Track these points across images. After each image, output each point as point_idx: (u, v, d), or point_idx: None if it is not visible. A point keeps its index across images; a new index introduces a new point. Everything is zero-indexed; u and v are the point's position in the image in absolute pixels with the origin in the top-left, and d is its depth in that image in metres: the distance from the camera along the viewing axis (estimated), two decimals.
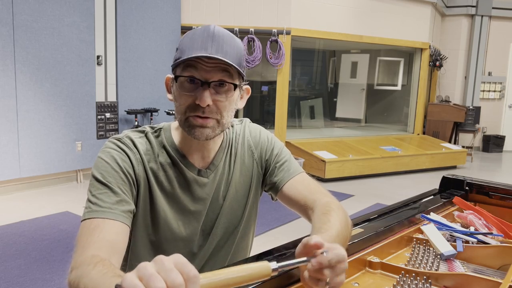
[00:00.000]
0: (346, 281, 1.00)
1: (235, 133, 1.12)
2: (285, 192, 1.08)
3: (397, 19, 7.55)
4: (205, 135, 0.94)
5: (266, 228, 3.85)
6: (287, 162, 1.11)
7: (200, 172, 1.04)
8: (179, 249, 1.04)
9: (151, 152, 1.02)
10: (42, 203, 4.46)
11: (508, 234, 1.28)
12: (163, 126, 1.06)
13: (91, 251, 0.81)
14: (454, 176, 1.69)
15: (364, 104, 9.61)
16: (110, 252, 0.82)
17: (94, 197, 0.91)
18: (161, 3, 5.93)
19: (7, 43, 4.50)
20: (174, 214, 1.03)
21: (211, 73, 0.90)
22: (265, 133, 1.16)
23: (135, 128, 1.06)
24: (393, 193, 5.28)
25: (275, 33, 6.37)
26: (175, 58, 0.94)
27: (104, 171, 0.94)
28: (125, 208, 0.92)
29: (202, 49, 0.89)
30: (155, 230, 1.02)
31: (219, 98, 0.92)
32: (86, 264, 0.75)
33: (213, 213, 1.07)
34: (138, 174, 0.98)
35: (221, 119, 0.95)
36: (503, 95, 9.18)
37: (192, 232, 1.05)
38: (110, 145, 0.98)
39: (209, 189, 1.05)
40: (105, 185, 0.92)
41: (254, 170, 1.12)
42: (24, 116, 4.70)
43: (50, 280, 2.80)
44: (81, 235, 0.86)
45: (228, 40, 0.93)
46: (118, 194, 0.92)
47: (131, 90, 5.71)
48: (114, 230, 0.87)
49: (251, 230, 1.18)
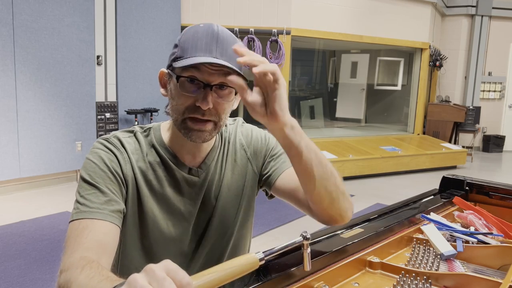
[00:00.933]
0: (346, 281, 1.00)
1: (228, 133, 1.10)
2: (281, 182, 1.05)
3: (397, 19, 7.55)
4: (202, 139, 0.94)
5: (266, 228, 3.85)
6: (282, 155, 1.09)
7: (191, 171, 1.02)
8: (169, 250, 1.02)
9: (139, 151, 1.00)
10: (42, 203, 4.46)
11: (508, 234, 1.28)
12: (153, 125, 1.05)
13: (79, 253, 0.80)
14: (454, 176, 1.69)
15: (364, 104, 9.61)
16: (99, 253, 0.81)
17: (82, 198, 0.90)
18: (161, 3, 5.93)
19: (7, 43, 4.50)
20: (163, 214, 1.01)
21: (214, 76, 0.89)
22: (257, 131, 1.14)
23: (125, 129, 1.05)
24: (393, 193, 5.28)
25: (275, 33, 6.37)
26: (176, 56, 0.92)
27: (92, 171, 0.93)
28: (114, 207, 0.91)
29: (206, 52, 0.88)
30: (144, 230, 1.00)
31: (219, 101, 0.91)
32: (74, 268, 0.75)
33: (205, 214, 1.06)
34: (126, 174, 0.97)
35: (218, 121, 0.94)
36: (503, 95, 9.18)
37: (182, 233, 1.03)
38: (97, 146, 0.97)
39: (199, 188, 1.04)
40: (93, 186, 0.91)
41: (248, 169, 1.10)
42: (24, 116, 4.70)
43: (50, 280, 2.80)
44: (70, 236, 0.85)
45: (232, 41, 0.91)
46: (106, 194, 0.91)
47: (131, 90, 5.71)
48: (103, 230, 0.86)
49: (248, 231, 1.16)
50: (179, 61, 0.90)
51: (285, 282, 0.89)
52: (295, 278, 0.91)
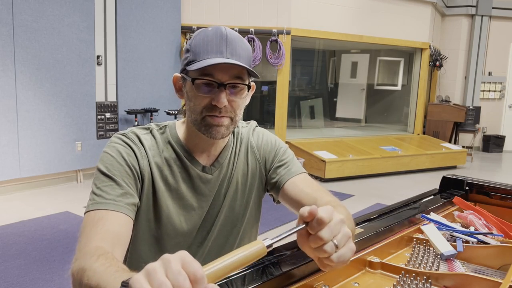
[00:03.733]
0: (346, 281, 1.00)
1: (241, 134, 1.14)
2: (286, 190, 1.08)
3: (397, 19, 7.55)
4: (221, 134, 0.98)
5: (266, 228, 3.85)
6: (289, 162, 1.12)
7: (204, 169, 1.06)
8: (179, 243, 1.05)
9: (156, 147, 1.03)
10: (42, 203, 4.46)
11: (508, 234, 1.28)
12: (168, 123, 1.09)
13: (95, 242, 0.81)
14: (454, 176, 1.69)
15: (364, 104, 9.61)
16: (113, 244, 0.83)
17: (99, 189, 0.92)
18: (161, 3, 5.93)
19: (7, 43, 4.50)
20: (177, 209, 1.04)
21: (227, 75, 0.94)
22: (268, 135, 1.18)
23: (141, 125, 1.08)
24: (393, 193, 5.28)
25: (275, 33, 6.37)
26: (188, 60, 0.96)
27: (109, 164, 0.96)
28: (129, 200, 0.93)
29: (218, 53, 0.93)
30: (157, 225, 1.03)
31: (233, 98, 0.96)
32: (89, 256, 0.76)
33: (214, 210, 1.09)
34: (142, 169, 0.99)
35: (234, 117, 0.99)
36: (503, 95, 9.18)
37: (192, 227, 1.06)
38: (115, 140, 1.00)
39: (212, 185, 1.07)
40: (110, 178, 0.94)
41: (257, 171, 1.13)
42: (24, 116, 4.70)
43: (50, 280, 2.80)
44: (85, 226, 0.87)
45: (240, 42, 0.97)
46: (122, 186, 0.94)
47: (131, 90, 5.71)
48: (118, 222, 0.88)
49: (253, 231, 1.18)
50: (192, 64, 0.95)
51: (285, 282, 0.89)
52: (295, 278, 0.91)
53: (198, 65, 0.92)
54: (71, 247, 3.26)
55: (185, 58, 0.98)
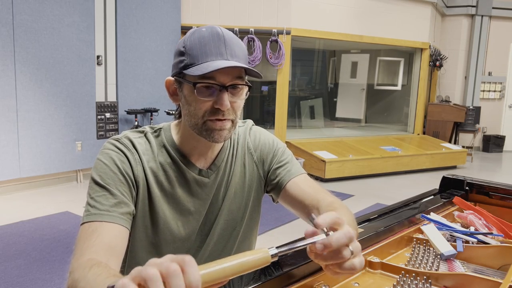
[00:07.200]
0: (346, 281, 1.00)
1: (237, 135, 1.11)
2: (288, 192, 1.06)
3: (397, 19, 7.55)
4: (223, 137, 0.95)
5: (266, 228, 3.85)
6: (289, 163, 1.10)
7: (201, 172, 1.03)
8: (177, 249, 1.03)
9: (150, 151, 1.00)
10: (42, 203, 4.46)
11: (508, 234, 1.28)
12: (163, 126, 1.05)
13: (88, 255, 0.80)
14: (454, 176, 1.69)
15: (364, 104, 9.61)
16: (108, 256, 0.82)
17: (93, 200, 0.90)
18: (161, 3, 5.93)
19: (7, 43, 4.50)
20: (174, 214, 1.02)
21: (228, 77, 0.91)
22: (266, 135, 1.15)
23: (135, 129, 1.06)
24: (393, 193, 5.28)
25: (275, 33, 6.37)
26: (186, 63, 0.92)
27: (103, 173, 0.93)
28: (124, 210, 0.91)
29: (217, 55, 0.90)
30: (155, 231, 1.01)
31: (235, 99, 0.94)
32: (82, 268, 0.75)
33: (212, 214, 1.07)
34: (137, 175, 0.97)
35: (235, 118, 0.96)
36: (503, 95, 9.18)
37: (190, 232, 1.04)
38: (108, 146, 0.98)
39: (209, 189, 1.05)
40: (103, 188, 0.92)
41: (255, 172, 1.11)
42: (24, 116, 4.70)
43: (50, 280, 2.80)
44: (79, 239, 0.86)
45: (236, 41, 0.94)
46: (116, 196, 0.91)
47: (131, 90, 5.71)
48: (112, 233, 0.87)
49: (253, 233, 1.16)
50: (191, 68, 0.91)
51: (285, 282, 0.89)
52: (295, 278, 0.91)
53: (201, 69, 0.89)
54: (71, 247, 3.26)
55: (180, 61, 0.94)
